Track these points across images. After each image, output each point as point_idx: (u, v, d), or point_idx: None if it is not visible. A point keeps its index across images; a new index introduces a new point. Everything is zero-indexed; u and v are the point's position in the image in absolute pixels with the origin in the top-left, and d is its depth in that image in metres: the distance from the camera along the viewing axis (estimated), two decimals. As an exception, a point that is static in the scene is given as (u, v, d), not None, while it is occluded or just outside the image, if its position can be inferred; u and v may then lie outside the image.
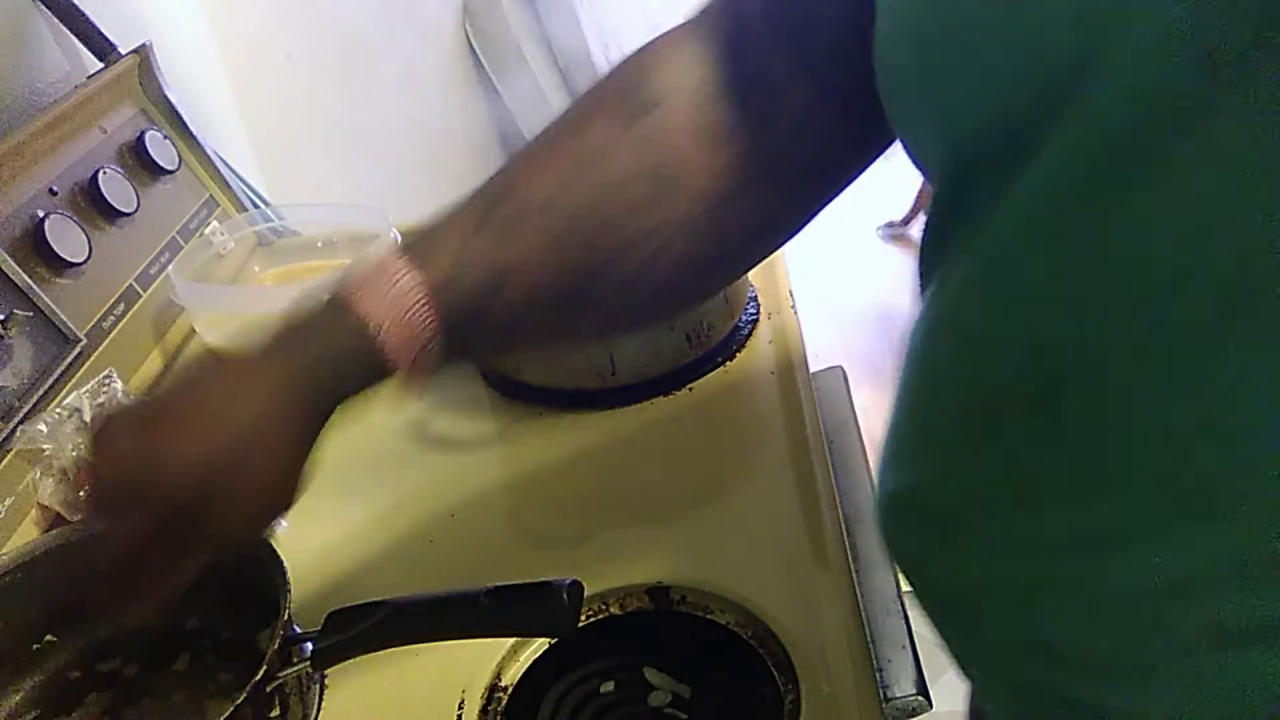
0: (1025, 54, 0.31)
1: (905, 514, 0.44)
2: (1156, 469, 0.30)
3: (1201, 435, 0.29)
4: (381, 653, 0.54)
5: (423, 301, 0.44)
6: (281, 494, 0.46)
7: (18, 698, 0.61)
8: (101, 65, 0.96)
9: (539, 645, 0.60)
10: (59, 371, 0.77)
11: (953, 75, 0.35)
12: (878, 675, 0.57)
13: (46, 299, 0.77)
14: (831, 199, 0.51)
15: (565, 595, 0.52)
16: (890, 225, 3.06)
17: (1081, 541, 0.33)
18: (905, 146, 0.41)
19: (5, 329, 0.73)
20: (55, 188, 0.83)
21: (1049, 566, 0.35)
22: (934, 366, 0.40)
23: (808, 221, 0.52)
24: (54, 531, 0.64)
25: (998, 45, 0.32)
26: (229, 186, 1.05)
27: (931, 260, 0.42)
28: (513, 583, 0.54)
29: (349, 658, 0.54)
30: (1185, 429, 0.29)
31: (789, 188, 0.49)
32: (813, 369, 0.83)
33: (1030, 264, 0.33)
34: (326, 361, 0.45)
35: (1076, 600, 0.35)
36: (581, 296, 0.48)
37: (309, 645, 0.54)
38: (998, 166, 0.34)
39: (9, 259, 0.75)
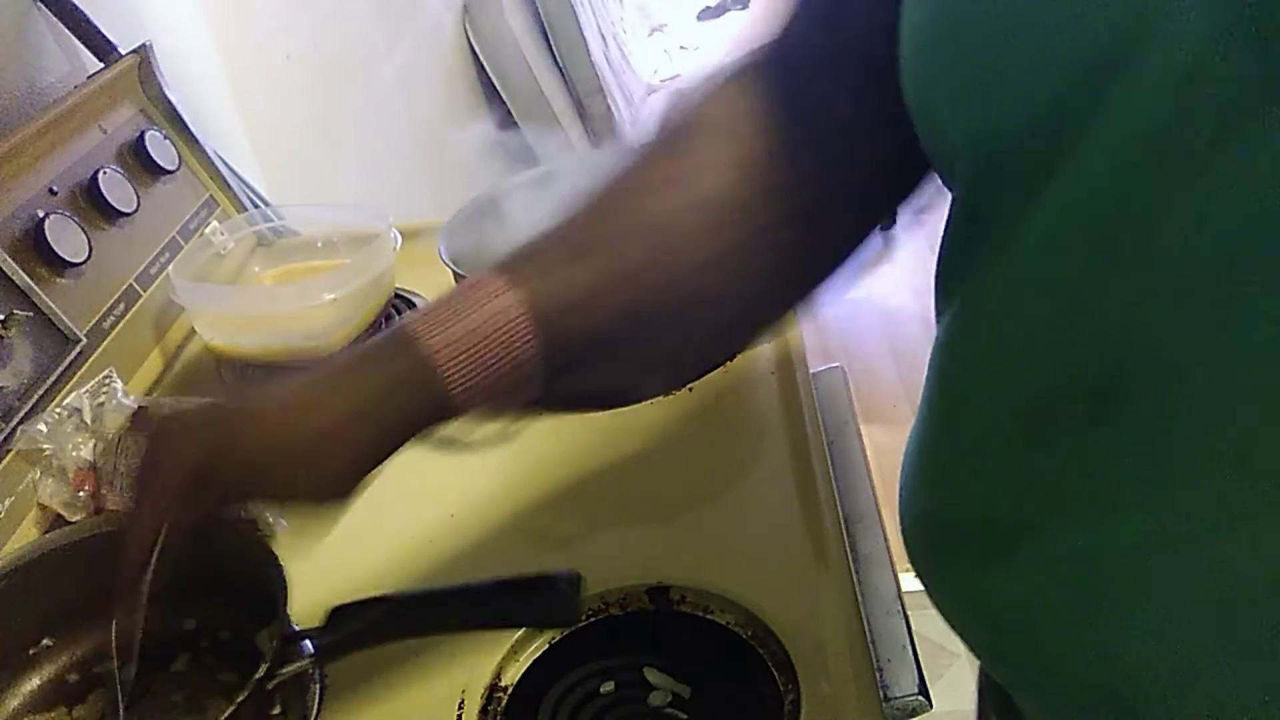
0: (1061, 48, 0.31)
1: (946, 533, 0.43)
2: (1234, 460, 0.30)
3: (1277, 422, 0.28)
4: (382, 653, 0.55)
5: (524, 316, 0.44)
6: (327, 503, 0.47)
7: (15, 703, 0.61)
8: (101, 65, 0.96)
9: (539, 645, 0.60)
10: (59, 371, 0.77)
11: (981, 74, 0.34)
12: (878, 675, 0.57)
13: (46, 299, 0.77)
14: (882, 217, 0.50)
15: (566, 586, 0.52)
16: (889, 225, 3.05)
17: (1154, 543, 0.33)
18: (929, 151, 0.40)
19: (5, 329, 0.73)
20: (55, 188, 0.83)
21: (1117, 572, 0.34)
22: (972, 378, 0.40)
23: (859, 246, 0.51)
24: (52, 533, 0.64)
25: (1031, 40, 0.32)
26: (229, 186, 1.05)
27: (954, 271, 0.41)
28: (513, 575, 0.54)
29: (352, 652, 0.54)
30: (1262, 417, 0.29)
31: (840, 211, 0.48)
32: (813, 369, 0.83)
33: (1078, 263, 0.32)
34: (390, 399, 0.44)
35: (1147, 606, 0.34)
36: (658, 326, 0.47)
37: (308, 643, 0.54)
38: (1032, 167, 0.33)
39: (9, 259, 0.75)
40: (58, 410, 0.74)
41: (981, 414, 0.39)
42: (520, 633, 0.60)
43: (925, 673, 0.61)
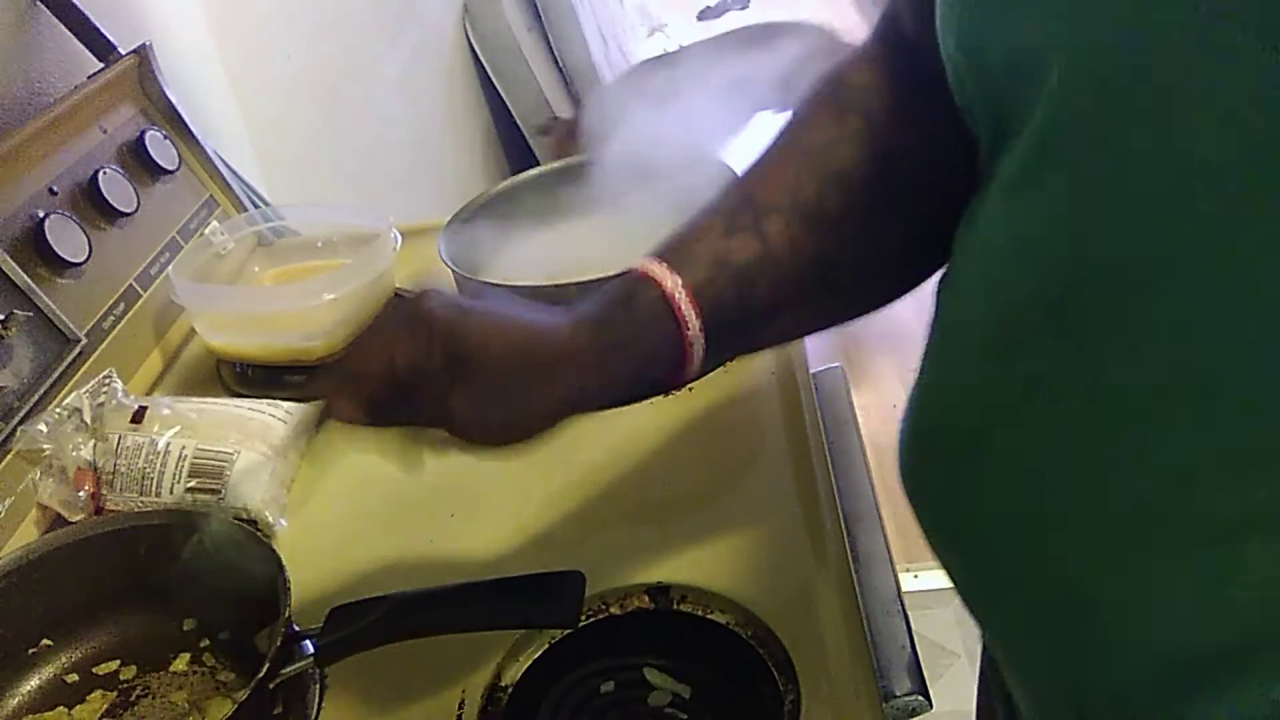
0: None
1: (924, 453, 0.45)
2: (1166, 360, 0.32)
3: (1208, 324, 0.31)
4: (382, 653, 0.54)
5: (688, 302, 0.47)
6: (524, 428, 0.49)
7: (14, 702, 0.61)
8: (101, 65, 0.96)
9: (539, 645, 0.60)
10: (59, 371, 0.77)
11: (975, 26, 0.38)
12: (878, 675, 0.57)
13: (46, 299, 0.77)
14: None
15: (567, 586, 0.52)
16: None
17: (1090, 442, 0.35)
18: (961, 109, 0.43)
19: (5, 329, 0.73)
20: (55, 188, 0.83)
21: (1058, 474, 0.37)
22: (955, 303, 0.43)
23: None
24: (52, 533, 0.64)
25: None
26: (229, 186, 1.05)
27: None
28: (513, 575, 0.54)
29: (353, 653, 0.54)
30: (1192, 320, 0.31)
31: (949, 183, 0.50)
32: (813, 369, 0.83)
33: (1051, 186, 0.35)
34: (631, 345, 0.48)
35: (1081, 507, 0.36)
36: (824, 285, 0.51)
37: (308, 643, 0.54)
38: (1018, 102, 0.36)
39: (9, 259, 0.75)
40: (58, 410, 0.74)
41: (962, 333, 0.42)
42: (520, 633, 0.60)
43: (925, 673, 0.61)
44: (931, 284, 0.50)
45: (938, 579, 1.69)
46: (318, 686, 0.59)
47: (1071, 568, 0.37)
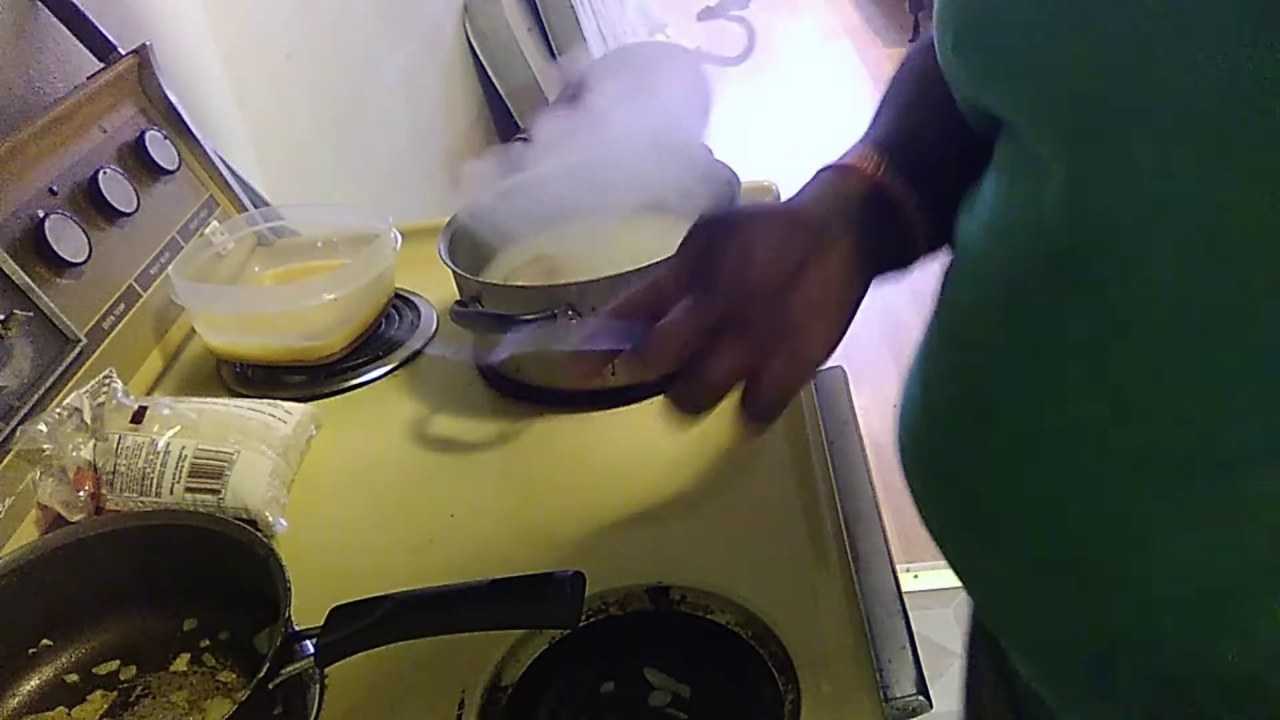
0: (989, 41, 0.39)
1: (937, 421, 0.47)
2: (1164, 309, 0.35)
3: (1202, 275, 0.33)
4: (382, 653, 0.54)
5: (901, 179, 0.50)
6: (826, 345, 0.48)
7: (14, 702, 0.61)
8: (101, 65, 0.96)
9: (539, 645, 0.60)
10: (59, 371, 0.77)
11: (963, 53, 0.42)
12: (878, 675, 0.57)
13: (46, 299, 0.77)
14: None
15: (567, 586, 0.52)
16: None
17: (1097, 397, 0.37)
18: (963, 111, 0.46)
19: (5, 329, 0.73)
20: (55, 188, 0.83)
21: (1068, 433, 0.39)
22: (961, 283, 0.45)
23: None
24: (52, 533, 0.64)
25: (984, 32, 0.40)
26: (229, 186, 1.05)
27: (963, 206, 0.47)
28: (513, 575, 0.54)
29: (353, 653, 0.54)
30: (1187, 272, 0.34)
31: None
32: (813, 369, 0.83)
33: (1041, 164, 0.38)
34: (871, 232, 0.49)
35: (1092, 462, 0.38)
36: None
37: (308, 643, 0.54)
38: (1000, 102, 0.40)
39: (9, 259, 0.75)
40: (58, 410, 0.74)
41: (961, 313, 0.45)
42: (520, 633, 0.60)
43: (925, 673, 0.61)
44: (929, 286, 0.51)
45: (938, 579, 1.69)
46: (318, 686, 0.59)
47: (1086, 520, 0.39)
